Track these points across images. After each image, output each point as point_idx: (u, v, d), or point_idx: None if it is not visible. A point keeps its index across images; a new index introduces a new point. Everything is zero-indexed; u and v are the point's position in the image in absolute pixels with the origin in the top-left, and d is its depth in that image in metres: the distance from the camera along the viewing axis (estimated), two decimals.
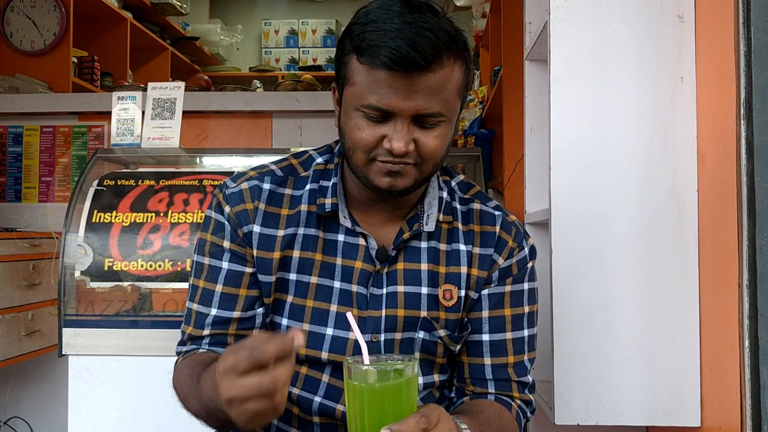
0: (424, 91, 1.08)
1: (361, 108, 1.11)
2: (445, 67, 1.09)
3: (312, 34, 6.98)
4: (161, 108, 2.29)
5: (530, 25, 1.97)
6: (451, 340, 1.23)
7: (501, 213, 1.28)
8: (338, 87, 1.18)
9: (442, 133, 1.13)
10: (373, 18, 1.09)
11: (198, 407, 1.11)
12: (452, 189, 1.29)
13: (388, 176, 1.13)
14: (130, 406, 2.00)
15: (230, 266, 1.22)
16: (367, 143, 1.12)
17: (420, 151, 1.12)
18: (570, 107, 1.58)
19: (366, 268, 1.21)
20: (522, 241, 1.27)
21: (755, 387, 1.24)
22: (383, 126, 1.11)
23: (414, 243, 1.23)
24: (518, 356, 1.26)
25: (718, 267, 1.44)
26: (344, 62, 1.14)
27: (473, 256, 1.24)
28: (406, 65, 1.05)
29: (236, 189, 1.23)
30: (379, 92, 1.08)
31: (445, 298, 1.23)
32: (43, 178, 3.31)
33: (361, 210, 1.24)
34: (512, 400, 1.26)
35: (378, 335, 1.20)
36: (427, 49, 1.05)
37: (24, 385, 3.19)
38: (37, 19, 3.87)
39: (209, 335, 1.22)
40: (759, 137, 1.25)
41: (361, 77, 1.10)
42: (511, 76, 2.98)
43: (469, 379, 1.26)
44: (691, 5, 1.56)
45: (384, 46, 1.06)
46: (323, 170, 1.25)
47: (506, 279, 1.25)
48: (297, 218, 1.22)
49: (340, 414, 1.20)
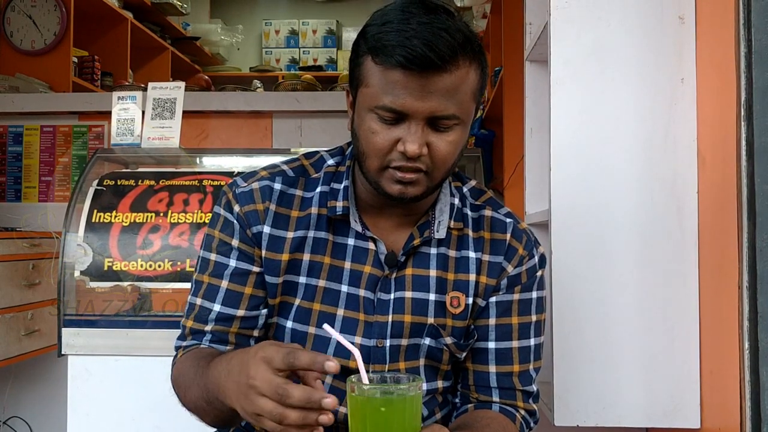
0: (439, 92, 1.07)
1: (375, 109, 1.10)
2: (460, 68, 1.08)
3: (312, 34, 6.98)
4: (161, 108, 2.29)
5: (530, 26, 1.97)
6: (457, 348, 1.23)
7: (512, 220, 1.27)
8: (352, 89, 1.17)
9: (455, 138, 1.12)
10: (389, 19, 1.08)
11: (199, 397, 1.10)
12: (464, 195, 1.28)
13: (400, 184, 1.12)
14: (129, 405, 2.00)
15: (237, 264, 1.21)
16: (381, 148, 1.11)
17: (432, 156, 1.11)
18: (570, 108, 1.58)
19: (374, 272, 1.20)
20: (532, 250, 1.26)
21: (755, 389, 1.24)
22: (397, 128, 1.10)
23: (423, 249, 1.22)
24: (524, 365, 1.25)
25: (718, 268, 1.44)
26: (359, 63, 1.13)
27: (482, 264, 1.23)
28: (421, 65, 1.04)
29: (247, 189, 1.22)
30: (394, 93, 1.07)
31: (453, 305, 1.22)
32: (43, 177, 3.31)
33: (371, 214, 1.23)
34: (516, 410, 1.25)
35: (384, 340, 1.20)
36: (442, 48, 1.05)
37: (23, 385, 3.19)
38: (37, 18, 3.87)
39: (211, 331, 1.21)
40: (759, 139, 1.25)
41: (376, 78, 1.09)
42: (512, 76, 2.99)
43: (473, 387, 1.25)
44: (691, 6, 1.56)
45: (399, 46, 1.05)
46: (334, 172, 1.24)
47: (515, 287, 1.24)
48: (307, 221, 1.21)
49: (342, 416, 1.19)
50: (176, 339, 1.26)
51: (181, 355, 1.21)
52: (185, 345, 1.23)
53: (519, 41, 2.21)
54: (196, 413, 1.14)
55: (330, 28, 6.99)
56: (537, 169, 1.94)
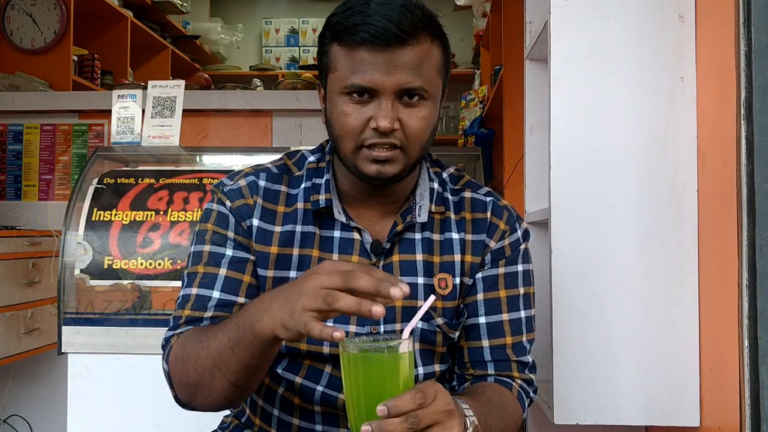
0: (404, 65, 1.11)
1: (345, 90, 1.14)
2: (422, 42, 1.13)
3: (312, 33, 6.98)
4: (161, 106, 2.29)
5: (530, 24, 1.97)
6: (449, 328, 1.25)
7: (492, 198, 1.30)
8: (322, 81, 1.21)
9: (426, 113, 1.16)
10: (350, 5, 1.14)
11: (219, 346, 1.06)
12: (443, 180, 1.31)
13: (376, 163, 1.15)
14: (129, 404, 2.00)
15: (235, 252, 1.22)
16: (354, 128, 1.14)
17: (405, 131, 1.14)
18: (570, 107, 1.58)
19: (362, 262, 1.22)
20: (515, 224, 1.29)
21: (754, 387, 1.24)
22: (368, 107, 1.14)
23: (408, 235, 1.25)
24: (516, 337, 1.26)
25: (718, 267, 1.44)
26: (325, 52, 1.18)
27: (466, 243, 1.26)
28: (385, 38, 1.10)
29: (235, 186, 1.25)
30: (361, 70, 1.12)
31: (441, 286, 1.24)
32: (43, 176, 3.31)
33: (354, 206, 1.26)
34: (513, 380, 1.26)
35: (377, 327, 1.22)
36: (404, 23, 1.10)
37: (23, 383, 3.19)
38: (37, 17, 3.87)
39: (211, 317, 1.18)
40: (759, 137, 1.25)
41: (343, 60, 1.14)
42: (512, 75, 2.99)
43: (469, 363, 1.27)
44: (691, 5, 1.56)
45: (362, 24, 1.10)
46: (315, 168, 1.28)
47: (499, 261, 1.27)
48: (294, 216, 1.24)
49: (341, 403, 1.21)
50: (167, 331, 1.21)
51: (177, 340, 1.17)
52: (180, 332, 1.19)
53: (519, 40, 2.21)
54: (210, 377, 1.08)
55: None
56: (537, 167, 1.94)
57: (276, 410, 1.26)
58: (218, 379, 1.08)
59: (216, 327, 1.10)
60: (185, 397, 1.16)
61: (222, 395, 1.10)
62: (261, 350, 1.03)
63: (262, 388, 1.28)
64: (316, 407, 1.23)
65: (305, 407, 1.24)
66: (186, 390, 1.14)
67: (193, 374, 1.11)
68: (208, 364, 1.08)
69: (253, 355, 1.03)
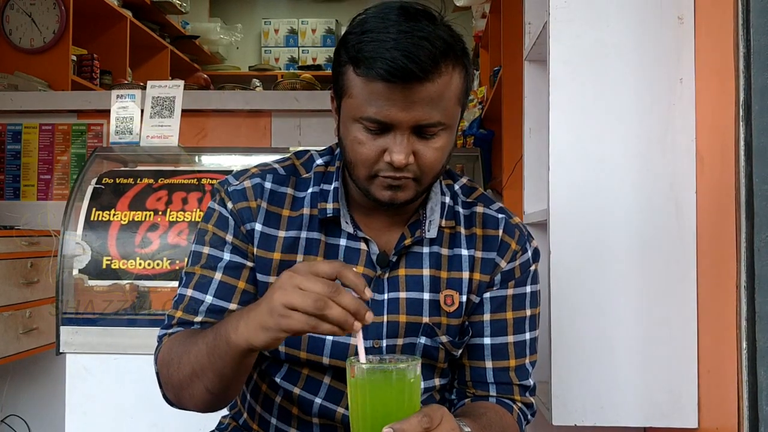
0: (422, 101, 1.06)
1: (360, 120, 1.09)
2: (443, 75, 1.07)
3: (312, 33, 6.98)
4: (160, 106, 2.29)
5: (530, 25, 1.97)
6: (453, 346, 1.23)
7: (504, 216, 1.27)
8: (336, 97, 1.16)
9: (442, 143, 1.12)
10: (369, 27, 1.07)
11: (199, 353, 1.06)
12: (455, 193, 1.28)
13: (389, 190, 1.13)
14: (127, 404, 2.00)
15: (231, 257, 1.20)
16: (367, 158, 1.11)
17: (420, 163, 1.11)
18: (569, 108, 1.58)
19: (367, 273, 1.20)
20: (525, 244, 1.26)
21: (752, 389, 1.24)
22: (383, 138, 1.10)
23: (416, 248, 1.22)
24: (520, 360, 1.25)
25: (716, 268, 1.44)
26: (341, 72, 1.12)
27: (475, 261, 1.23)
28: (403, 77, 1.03)
29: (239, 186, 1.22)
30: (377, 104, 1.06)
31: (447, 303, 1.22)
32: (41, 176, 3.31)
33: (362, 214, 1.23)
34: (513, 403, 1.25)
35: (380, 341, 1.19)
36: (424, 59, 1.03)
37: (22, 383, 3.18)
38: (36, 17, 3.87)
39: (201, 322, 1.18)
40: (758, 139, 1.25)
41: (359, 89, 1.08)
42: (511, 76, 2.99)
43: (470, 382, 1.26)
44: (690, 7, 1.56)
45: (380, 58, 1.03)
46: (324, 172, 1.24)
47: (508, 282, 1.25)
48: (300, 221, 1.21)
49: (340, 417, 1.19)
50: (160, 329, 1.22)
51: (167, 341, 1.18)
52: (171, 332, 1.20)
53: (518, 41, 2.21)
54: (189, 382, 1.10)
55: (329, 27, 6.99)
56: (536, 169, 1.94)
57: (274, 419, 1.25)
58: (197, 385, 1.09)
59: (200, 333, 1.10)
60: (172, 397, 1.17)
61: (201, 400, 1.12)
62: (235, 360, 1.02)
63: (259, 395, 1.27)
64: (314, 419, 1.22)
65: (303, 418, 1.23)
66: (172, 391, 1.15)
67: (176, 377, 1.12)
68: (188, 370, 1.09)
69: (227, 364, 1.04)
